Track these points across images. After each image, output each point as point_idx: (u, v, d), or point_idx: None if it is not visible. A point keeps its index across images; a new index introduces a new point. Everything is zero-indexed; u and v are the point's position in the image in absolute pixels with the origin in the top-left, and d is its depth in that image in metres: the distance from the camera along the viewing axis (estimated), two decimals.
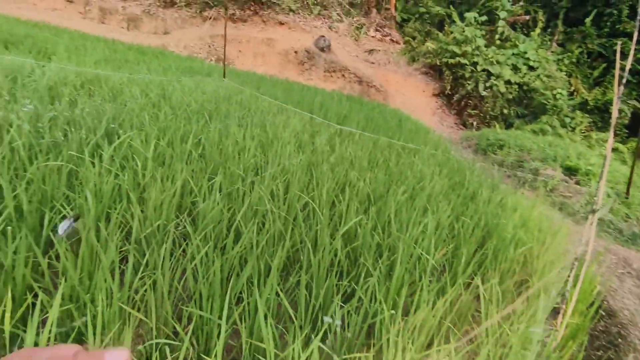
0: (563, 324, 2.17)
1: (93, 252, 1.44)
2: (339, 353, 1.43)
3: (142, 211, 1.97)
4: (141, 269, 1.47)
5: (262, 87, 8.57)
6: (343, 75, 14.90)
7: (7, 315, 1.09)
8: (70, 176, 2.16)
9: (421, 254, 2.17)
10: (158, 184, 2.12)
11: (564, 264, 3.10)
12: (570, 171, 7.17)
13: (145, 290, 1.36)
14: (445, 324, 1.75)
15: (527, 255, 2.86)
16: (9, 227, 1.43)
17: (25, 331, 1.13)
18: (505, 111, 12.94)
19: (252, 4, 15.44)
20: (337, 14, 16.64)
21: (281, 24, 15.52)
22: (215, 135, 3.51)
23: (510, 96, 12.87)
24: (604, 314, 3.04)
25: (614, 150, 10.01)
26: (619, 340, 2.63)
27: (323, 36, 14.77)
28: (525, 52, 13.25)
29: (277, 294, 1.56)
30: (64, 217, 1.69)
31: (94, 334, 1.06)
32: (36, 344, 1.05)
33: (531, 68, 13.02)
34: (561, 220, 4.97)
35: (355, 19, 16.83)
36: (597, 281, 3.07)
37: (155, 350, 1.22)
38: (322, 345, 1.39)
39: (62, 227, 1.29)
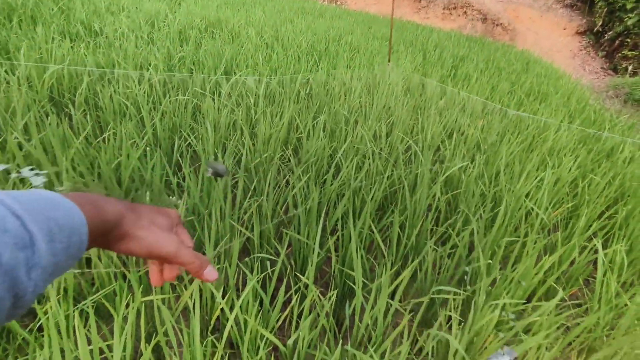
0: None
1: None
2: (427, 292, 1.44)
3: (253, 144, 2.15)
4: (249, 193, 1.63)
5: (373, 27, 8.23)
6: (465, 13, 13.38)
7: None
8: (195, 109, 2.44)
9: (532, 208, 1.98)
10: (267, 119, 2.26)
11: None
12: None
13: (252, 213, 1.52)
14: (548, 283, 1.61)
15: None
16: (148, 148, 1.70)
17: None
18: None
19: None
20: None
21: None
22: (323, 76, 3.55)
23: None
24: None
25: None
26: None
27: None
28: None
29: (371, 230, 1.61)
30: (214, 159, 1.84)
31: (209, 242, 1.24)
32: None
33: None
34: None
35: None
36: None
37: (257, 262, 1.38)
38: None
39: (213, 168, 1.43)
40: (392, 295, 1.53)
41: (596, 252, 1.86)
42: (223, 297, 1.27)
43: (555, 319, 1.40)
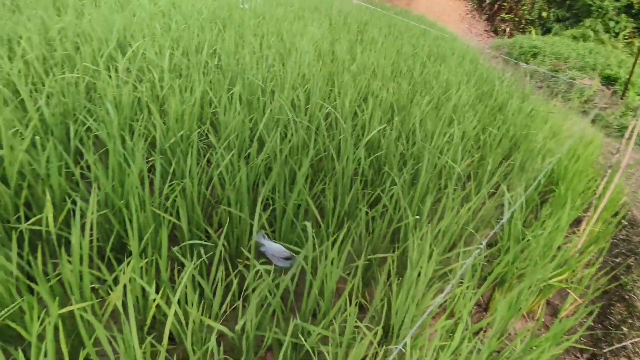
0: (586, 231, 2.17)
1: (121, 161, 1.45)
2: (364, 254, 1.49)
3: (164, 122, 1.96)
4: (169, 177, 1.49)
5: None
6: None
7: (50, 218, 1.15)
8: (89, 88, 2.13)
9: (447, 162, 2.14)
10: (177, 95, 2.07)
11: (593, 175, 3.03)
12: (609, 80, 6.66)
13: (176, 197, 1.39)
14: (468, 230, 1.78)
15: (555, 165, 2.79)
16: (37, 137, 1.44)
17: (70, 233, 1.20)
18: (544, 14, 11.72)
19: None
20: None
21: None
22: (231, 45, 3.34)
23: None
24: (627, 223, 3.04)
25: None
26: None
27: None
28: None
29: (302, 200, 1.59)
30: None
31: (133, 235, 1.11)
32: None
33: None
34: (594, 131, 4.75)
35: None
36: (625, 192, 3.02)
37: (191, 251, 1.29)
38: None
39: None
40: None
41: (501, 196, 2.09)
42: (157, 293, 1.16)
43: (476, 261, 1.55)
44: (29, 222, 1.17)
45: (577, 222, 2.77)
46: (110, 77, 2.24)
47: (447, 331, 1.36)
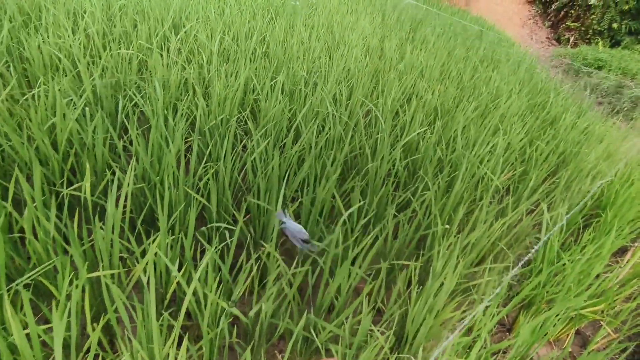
0: (631, 262, 2.02)
1: (161, 139, 1.51)
2: (387, 258, 1.46)
3: (206, 105, 2.01)
4: (204, 158, 1.53)
5: None
6: None
7: (87, 186, 1.21)
8: (141, 66, 2.22)
9: (486, 172, 2.05)
10: (222, 79, 2.11)
11: None
12: None
13: (208, 179, 1.43)
14: (499, 246, 1.70)
15: (605, 189, 2.61)
16: (87, 108, 1.52)
17: (106, 202, 1.26)
18: (615, 25, 10.91)
19: None
20: None
21: None
22: (280, 34, 3.36)
23: (626, 7, 10.71)
24: None
25: None
26: None
27: None
28: None
29: (333, 196, 1.58)
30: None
31: (162, 211, 1.15)
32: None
33: None
34: None
35: None
36: None
37: (215, 231, 1.32)
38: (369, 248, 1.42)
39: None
40: (353, 261, 1.53)
41: (540, 215, 1.98)
42: (179, 270, 1.20)
43: (504, 280, 1.48)
44: (70, 188, 1.25)
45: (622, 251, 2.58)
46: (161, 56, 2.32)
47: (463, 347, 1.32)
